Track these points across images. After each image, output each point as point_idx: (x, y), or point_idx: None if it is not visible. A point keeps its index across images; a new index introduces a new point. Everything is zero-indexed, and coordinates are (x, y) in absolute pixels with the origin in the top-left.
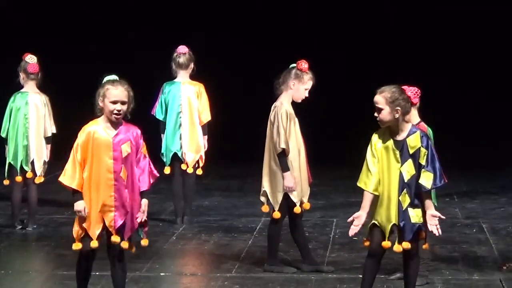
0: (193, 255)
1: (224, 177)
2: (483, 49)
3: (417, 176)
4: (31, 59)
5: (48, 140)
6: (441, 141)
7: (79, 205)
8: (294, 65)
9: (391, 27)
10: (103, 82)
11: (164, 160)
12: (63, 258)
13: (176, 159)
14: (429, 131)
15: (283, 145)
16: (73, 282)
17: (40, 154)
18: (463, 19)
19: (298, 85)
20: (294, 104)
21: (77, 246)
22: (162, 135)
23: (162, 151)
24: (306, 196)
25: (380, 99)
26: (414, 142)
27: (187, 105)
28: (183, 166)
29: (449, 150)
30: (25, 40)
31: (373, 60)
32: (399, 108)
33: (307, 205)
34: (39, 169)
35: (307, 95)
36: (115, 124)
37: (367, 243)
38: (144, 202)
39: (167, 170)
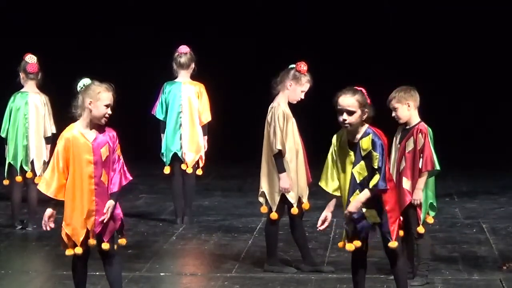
0: (193, 255)
1: (224, 177)
2: (484, 49)
3: (369, 178)
4: (30, 59)
5: (48, 140)
6: (442, 140)
7: (46, 213)
8: (293, 66)
9: (391, 27)
10: (86, 85)
11: (164, 160)
12: (63, 258)
13: (176, 159)
14: (429, 131)
15: (279, 146)
16: (72, 282)
17: (40, 154)
18: (463, 19)
19: (295, 86)
20: (291, 104)
21: (70, 252)
22: (162, 135)
23: (162, 151)
24: (305, 196)
25: (353, 102)
26: (365, 144)
27: (187, 105)
28: (183, 166)
29: (449, 149)
30: (25, 40)
31: (374, 60)
32: (367, 110)
33: (306, 205)
34: (39, 169)
35: (303, 97)
36: (95, 128)
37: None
38: (109, 204)
39: (167, 170)
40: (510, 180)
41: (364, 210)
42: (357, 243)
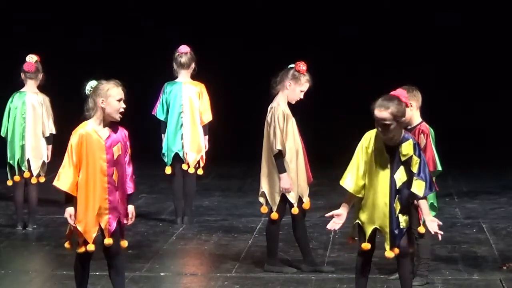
0: (193, 255)
1: (224, 177)
2: (484, 49)
3: (408, 183)
4: (29, 58)
5: (48, 140)
6: (442, 140)
7: (67, 212)
8: (292, 65)
9: (391, 26)
10: (94, 86)
11: (165, 160)
12: (63, 258)
13: (177, 159)
14: (431, 131)
15: (279, 147)
16: (73, 282)
17: (37, 154)
18: (462, 19)
19: (295, 86)
20: (290, 104)
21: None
22: (162, 135)
23: (163, 151)
24: (306, 195)
25: (387, 115)
26: (406, 150)
27: (188, 105)
28: (184, 166)
29: (449, 149)
30: (25, 40)
31: (374, 59)
32: (404, 119)
33: (307, 205)
34: (36, 169)
35: (302, 97)
36: (107, 126)
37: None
38: (131, 208)
39: (168, 170)
40: (510, 180)
41: (400, 216)
42: (398, 251)
